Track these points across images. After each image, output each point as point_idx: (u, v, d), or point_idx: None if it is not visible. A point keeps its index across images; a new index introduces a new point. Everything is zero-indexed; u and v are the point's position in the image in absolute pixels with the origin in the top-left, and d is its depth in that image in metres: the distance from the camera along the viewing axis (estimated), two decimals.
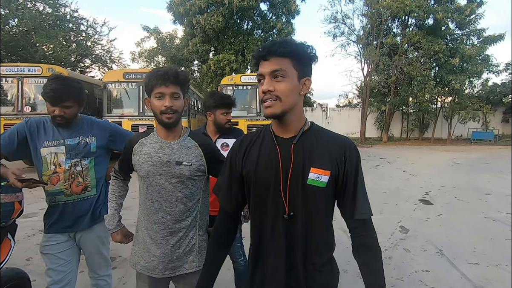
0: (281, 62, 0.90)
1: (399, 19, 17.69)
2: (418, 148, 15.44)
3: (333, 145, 0.97)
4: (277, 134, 1.00)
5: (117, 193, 1.49)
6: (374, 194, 5.74)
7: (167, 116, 1.26)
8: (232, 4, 13.76)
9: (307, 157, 0.94)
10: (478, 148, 15.02)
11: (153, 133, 1.38)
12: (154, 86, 1.25)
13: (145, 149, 1.33)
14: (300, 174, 0.94)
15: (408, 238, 3.66)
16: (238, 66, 14.54)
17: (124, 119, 7.88)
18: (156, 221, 1.32)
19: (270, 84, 0.90)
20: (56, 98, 1.49)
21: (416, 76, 15.97)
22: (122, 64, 19.35)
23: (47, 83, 1.51)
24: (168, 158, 1.31)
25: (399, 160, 10.63)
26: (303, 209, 0.95)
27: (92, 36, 17.17)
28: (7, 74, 7.31)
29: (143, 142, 1.35)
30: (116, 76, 8.22)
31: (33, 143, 1.56)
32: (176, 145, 1.34)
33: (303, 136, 0.97)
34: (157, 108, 1.26)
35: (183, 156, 1.32)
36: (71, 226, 1.63)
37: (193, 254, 1.37)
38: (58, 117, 1.53)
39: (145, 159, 1.32)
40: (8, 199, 1.37)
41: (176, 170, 1.30)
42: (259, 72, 0.93)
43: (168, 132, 1.34)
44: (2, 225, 1.39)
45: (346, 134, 18.69)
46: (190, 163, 1.32)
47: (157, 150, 1.32)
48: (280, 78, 0.90)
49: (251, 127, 8.49)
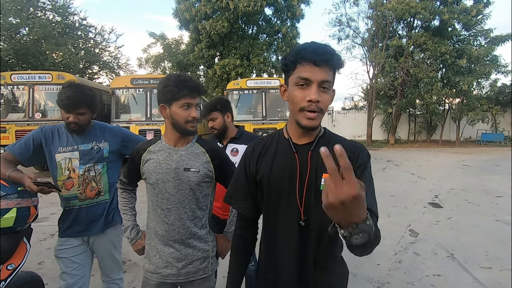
0: (329, 73, 0.88)
1: (405, 21, 17.60)
2: (426, 150, 15.26)
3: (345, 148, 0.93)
4: (294, 140, 0.99)
5: (129, 204, 1.51)
6: (382, 197, 5.69)
7: (191, 125, 1.30)
8: (237, 9, 13.89)
9: (321, 163, 0.93)
10: (488, 150, 14.77)
11: (161, 140, 1.39)
12: (180, 96, 1.26)
13: (153, 156, 1.35)
14: (313, 180, 0.94)
15: (418, 241, 3.62)
16: (244, 70, 14.62)
17: (132, 124, 7.99)
18: (166, 228, 1.32)
19: (318, 94, 0.87)
20: (70, 106, 1.54)
21: (423, 77, 15.83)
22: (129, 70, 19.66)
23: (61, 91, 1.56)
24: (177, 165, 1.32)
25: (406, 163, 10.51)
26: (316, 215, 0.94)
27: (100, 43, 17.51)
28: (19, 82, 7.49)
29: (151, 150, 1.37)
30: (124, 82, 8.36)
31: (48, 149, 1.61)
32: (184, 152, 1.35)
33: (319, 141, 0.98)
34: (182, 118, 1.28)
35: (190, 163, 1.33)
36: (85, 230, 1.67)
37: (206, 261, 1.38)
38: (72, 123, 1.57)
39: (154, 167, 1.33)
40: (25, 204, 1.41)
41: (184, 177, 1.32)
42: (305, 76, 0.87)
43: (178, 139, 1.35)
44: (19, 229, 1.43)
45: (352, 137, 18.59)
46: (198, 169, 1.33)
47: (165, 157, 1.33)
48: (326, 90, 0.89)
49: (257, 131, 8.51)
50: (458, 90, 16.13)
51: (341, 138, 1.04)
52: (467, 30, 16.70)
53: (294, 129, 0.99)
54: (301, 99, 0.89)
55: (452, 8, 15.75)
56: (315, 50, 0.86)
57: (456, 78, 15.65)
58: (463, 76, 15.55)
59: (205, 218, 1.41)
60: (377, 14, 16.93)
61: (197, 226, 1.37)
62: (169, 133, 1.36)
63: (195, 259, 1.35)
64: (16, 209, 1.37)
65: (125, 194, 1.51)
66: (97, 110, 1.69)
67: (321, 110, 0.90)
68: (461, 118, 17.23)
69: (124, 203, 1.50)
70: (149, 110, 8.14)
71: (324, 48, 0.88)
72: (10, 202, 1.36)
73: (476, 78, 15.98)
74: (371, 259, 3.13)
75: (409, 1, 15.61)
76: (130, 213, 1.49)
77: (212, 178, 1.39)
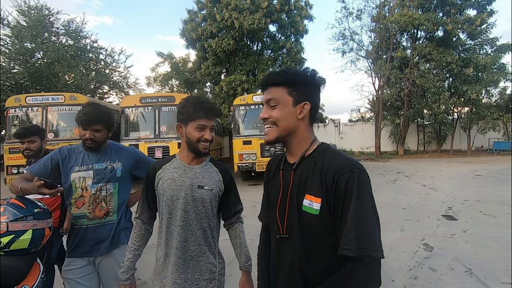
0: (274, 92, 0.97)
1: (408, 32, 17.74)
2: (436, 160, 14.98)
3: (327, 169, 0.90)
4: (287, 158, 1.05)
5: (138, 242, 1.44)
6: (393, 210, 5.57)
7: (203, 147, 1.34)
8: (242, 27, 14.25)
9: (303, 183, 0.95)
10: (501, 159, 14.40)
11: (175, 158, 1.42)
12: (196, 117, 1.31)
13: (168, 174, 1.37)
14: (295, 199, 0.97)
15: (433, 256, 3.50)
16: (250, 86, 14.82)
17: (141, 141, 8.11)
18: (177, 246, 1.32)
19: (265, 112, 0.99)
20: (87, 121, 1.62)
21: (430, 87, 15.76)
22: (138, 89, 20.18)
23: (81, 109, 1.65)
24: (191, 181, 1.35)
25: (417, 174, 10.32)
26: (300, 233, 0.96)
27: (110, 64, 18.12)
28: (33, 104, 7.74)
29: (166, 168, 1.40)
30: (133, 101, 8.56)
31: (64, 169, 1.67)
32: (198, 170, 1.38)
33: (304, 161, 0.98)
34: (195, 138, 1.32)
35: (205, 181, 1.36)
36: (91, 251, 1.68)
37: (213, 283, 1.37)
38: (89, 140, 1.63)
39: (169, 183, 1.35)
40: (40, 226, 1.44)
41: (198, 194, 1.34)
42: (260, 101, 1.03)
43: (193, 158, 1.39)
44: (33, 251, 1.45)
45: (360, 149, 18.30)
46: (211, 187, 1.36)
47: (180, 174, 1.36)
48: (274, 107, 0.98)
49: (264, 146, 8.53)
50: (467, 99, 15.97)
51: (333, 155, 0.94)
52: (472, 39, 16.71)
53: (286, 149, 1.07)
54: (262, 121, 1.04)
55: (455, 18, 15.85)
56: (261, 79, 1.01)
57: (463, 87, 15.53)
58: (471, 85, 15.43)
59: (214, 238, 1.42)
60: (380, 27, 17.13)
61: (207, 244, 1.37)
62: (184, 152, 1.40)
63: (203, 279, 1.35)
64: (32, 230, 1.40)
65: (138, 230, 1.46)
66: (113, 129, 1.76)
67: (274, 124, 0.97)
68: (471, 127, 16.96)
69: (133, 240, 1.45)
70: (157, 128, 8.27)
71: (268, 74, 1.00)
72: (27, 224, 1.39)
73: (484, 86, 15.84)
74: (385, 275, 3.04)
75: (412, 13, 15.80)
76: (133, 253, 1.42)
77: (220, 197, 1.41)
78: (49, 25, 15.19)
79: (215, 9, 15.07)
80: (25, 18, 14.48)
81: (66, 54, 14.97)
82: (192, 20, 16.01)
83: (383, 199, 6.35)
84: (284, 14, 15.66)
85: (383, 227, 3.46)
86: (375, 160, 16.06)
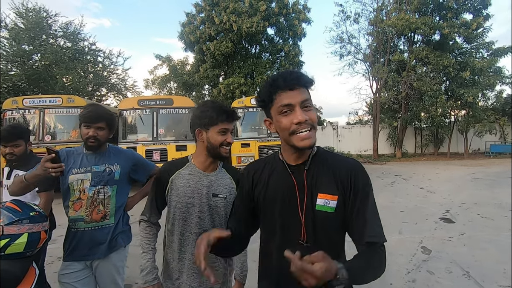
0: (305, 92, 0.93)
1: (405, 36, 17.87)
2: (434, 163, 15.04)
3: (340, 168, 0.96)
4: (288, 161, 1.00)
5: (152, 243, 1.43)
6: (391, 213, 5.57)
7: (225, 150, 1.34)
8: (240, 30, 14.31)
9: (315, 182, 0.95)
10: (498, 162, 14.48)
11: (190, 163, 1.40)
12: (219, 121, 1.31)
13: (183, 180, 1.36)
14: (309, 200, 0.95)
15: (431, 259, 3.51)
16: (248, 88, 14.85)
17: (139, 144, 8.08)
18: (193, 252, 1.30)
19: (303, 113, 0.90)
20: (91, 118, 1.62)
21: (427, 91, 15.85)
22: (136, 92, 20.14)
23: (84, 108, 1.67)
24: (207, 190, 1.34)
25: (415, 177, 10.35)
26: (313, 235, 0.94)
27: (108, 67, 18.07)
28: (30, 106, 7.71)
29: (181, 174, 1.38)
30: (131, 104, 8.54)
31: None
32: (214, 177, 1.38)
33: (313, 160, 0.98)
34: (218, 142, 1.32)
35: (219, 189, 1.36)
36: (88, 254, 1.66)
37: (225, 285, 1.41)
38: (92, 138, 1.63)
39: (184, 190, 1.34)
40: (36, 229, 1.42)
41: (212, 202, 1.34)
42: (285, 103, 0.90)
43: (209, 164, 1.38)
44: (28, 255, 1.43)
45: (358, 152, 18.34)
46: (225, 195, 1.36)
47: (196, 181, 1.35)
48: (309, 108, 0.92)
49: (262, 148, 8.54)
50: (463, 102, 16.08)
51: (336, 155, 1.03)
52: (469, 43, 16.86)
53: (289, 153, 1.00)
54: (288, 125, 0.91)
55: (452, 22, 16.00)
56: (285, 77, 0.91)
57: (460, 90, 15.65)
58: (468, 88, 15.54)
59: None
60: (378, 31, 17.26)
61: None
62: (201, 157, 1.39)
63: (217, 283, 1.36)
64: (28, 234, 1.39)
65: (149, 230, 1.44)
66: (114, 130, 1.76)
67: (313, 127, 0.92)
68: (468, 130, 17.06)
69: (147, 240, 1.43)
70: (155, 130, 8.26)
71: (291, 73, 0.93)
72: (22, 227, 1.38)
73: (480, 89, 15.94)
74: (383, 278, 3.03)
75: (408, 17, 15.92)
76: (152, 253, 1.42)
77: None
78: (47, 27, 15.16)
79: (214, 12, 15.13)
80: (23, 20, 14.44)
81: (64, 57, 14.93)
82: (190, 23, 16.07)
83: (381, 202, 6.35)
84: (282, 17, 15.76)
85: None
86: (373, 162, 16.09)
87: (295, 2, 16.01)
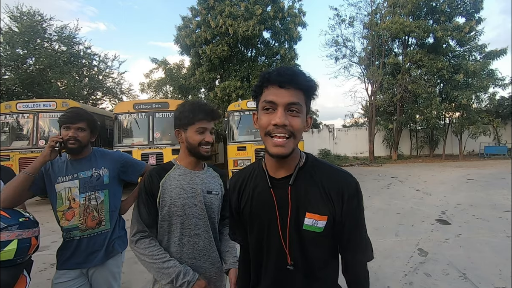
0: (297, 95, 0.80)
1: (400, 39, 18.07)
2: (429, 165, 15.13)
3: (331, 184, 0.86)
4: (270, 173, 0.90)
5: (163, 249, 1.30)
6: (387, 215, 5.58)
7: (205, 150, 1.32)
8: (236, 34, 14.35)
9: (302, 199, 0.85)
10: (492, 163, 14.62)
11: (177, 165, 1.37)
12: (196, 121, 1.29)
13: (174, 182, 1.32)
14: (294, 219, 0.85)
15: (428, 261, 3.50)
16: (244, 92, 14.86)
17: (134, 148, 8.03)
18: (195, 256, 1.30)
19: (284, 117, 0.78)
20: (70, 118, 1.57)
21: (421, 93, 16.01)
22: (132, 95, 20.04)
23: (64, 112, 1.61)
24: (201, 187, 1.33)
25: (411, 179, 10.40)
26: (301, 255, 0.87)
27: (104, 70, 17.98)
28: (24, 110, 7.64)
29: (171, 176, 1.33)
30: (127, 107, 8.50)
31: (48, 180, 1.60)
32: (204, 175, 1.37)
33: (300, 173, 0.88)
34: (196, 141, 1.30)
35: (211, 186, 1.36)
36: (85, 262, 1.61)
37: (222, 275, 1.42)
38: (72, 139, 1.55)
39: (178, 192, 1.30)
40: (26, 235, 1.39)
41: (207, 200, 1.33)
42: (269, 99, 0.79)
43: (196, 163, 1.38)
44: (19, 262, 1.40)
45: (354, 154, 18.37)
46: (218, 192, 1.37)
47: (188, 181, 1.33)
48: (295, 113, 0.80)
49: (258, 151, 8.53)
50: (457, 104, 16.26)
51: (327, 167, 0.91)
52: (461, 46, 17.08)
53: (269, 160, 0.89)
54: (266, 124, 0.80)
55: (445, 26, 16.21)
56: (280, 72, 0.80)
57: (454, 92, 15.82)
58: (461, 91, 15.72)
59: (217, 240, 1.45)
60: (372, 34, 17.43)
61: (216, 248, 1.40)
62: (186, 158, 1.37)
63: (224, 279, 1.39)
64: (17, 240, 1.35)
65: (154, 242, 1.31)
66: (97, 132, 1.70)
67: (292, 135, 0.80)
68: (463, 132, 17.23)
69: (160, 251, 1.28)
70: (151, 134, 8.21)
71: (289, 69, 0.81)
72: (11, 234, 1.35)
73: (474, 92, 16.14)
74: (380, 282, 3.02)
75: (403, 21, 16.11)
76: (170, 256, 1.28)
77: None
78: (42, 31, 15.06)
79: (209, 15, 15.16)
80: (17, 24, 14.34)
81: (58, 60, 14.83)
82: (186, 27, 16.08)
83: (378, 204, 6.37)
84: (278, 21, 15.84)
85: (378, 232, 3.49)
86: (369, 165, 16.15)
87: (291, 6, 16.12)
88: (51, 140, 1.49)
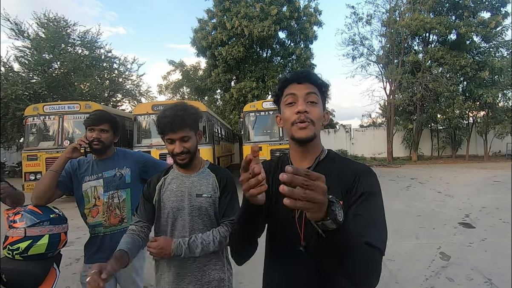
0: (313, 88, 0.94)
1: (420, 36, 17.54)
2: (452, 166, 14.58)
3: (346, 173, 0.93)
4: (294, 163, 0.99)
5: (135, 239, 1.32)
6: (407, 217, 5.43)
7: (179, 158, 1.31)
8: (252, 34, 14.42)
9: None
10: None
11: (173, 169, 1.41)
12: (163, 132, 1.29)
13: (166, 186, 1.36)
14: None
15: (450, 265, 3.39)
16: (259, 92, 14.91)
17: (153, 148, 8.23)
18: (183, 258, 1.27)
19: (305, 105, 0.91)
20: (93, 120, 1.68)
21: (443, 92, 15.46)
22: (150, 97, 20.58)
23: (89, 115, 1.72)
24: (190, 191, 1.33)
25: (432, 180, 10.06)
26: (317, 241, 0.87)
27: (123, 73, 18.58)
28: (50, 112, 8.01)
29: (166, 180, 1.38)
30: (146, 109, 8.73)
31: (76, 180, 1.71)
32: (195, 178, 1.36)
33: (319, 165, 0.95)
34: (169, 151, 1.31)
35: (202, 188, 1.34)
36: (109, 257, 1.68)
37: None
38: (96, 140, 1.66)
39: (168, 195, 1.34)
40: (56, 230, 1.48)
41: (197, 203, 1.32)
42: (290, 91, 0.93)
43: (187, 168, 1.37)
44: (49, 256, 1.49)
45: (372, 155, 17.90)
46: (210, 194, 1.34)
47: (178, 185, 1.35)
48: (314, 104, 0.93)
49: (274, 152, 8.52)
50: (482, 103, 15.59)
51: (346, 160, 0.99)
52: (487, 42, 16.37)
53: (294, 151, 1.00)
54: (291, 115, 0.93)
55: (468, 21, 15.58)
56: (296, 72, 0.96)
57: (479, 90, 15.18)
58: (487, 89, 15.06)
59: None
60: (391, 32, 17.00)
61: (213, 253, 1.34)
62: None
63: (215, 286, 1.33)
64: (49, 235, 1.44)
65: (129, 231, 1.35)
66: (119, 133, 1.79)
67: (312, 121, 0.91)
68: (488, 132, 16.49)
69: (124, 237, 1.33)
70: None
71: (303, 71, 0.97)
72: (43, 229, 1.44)
73: (501, 89, 15.43)
74: (400, 285, 2.96)
75: (423, 17, 15.63)
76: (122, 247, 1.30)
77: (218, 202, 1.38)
78: (66, 37, 15.76)
79: (225, 17, 15.33)
80: (44, 30, 15.07)
81: (81, 64, 15.46)
82: (202, 29, 16.32)
83: (397, 206, 6.21)
84: (293, 21, 15.79)
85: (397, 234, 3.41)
86: (388, 166, 15.77)
87: (306, 5, 16.02)
88: (78, 141, 1.62)
